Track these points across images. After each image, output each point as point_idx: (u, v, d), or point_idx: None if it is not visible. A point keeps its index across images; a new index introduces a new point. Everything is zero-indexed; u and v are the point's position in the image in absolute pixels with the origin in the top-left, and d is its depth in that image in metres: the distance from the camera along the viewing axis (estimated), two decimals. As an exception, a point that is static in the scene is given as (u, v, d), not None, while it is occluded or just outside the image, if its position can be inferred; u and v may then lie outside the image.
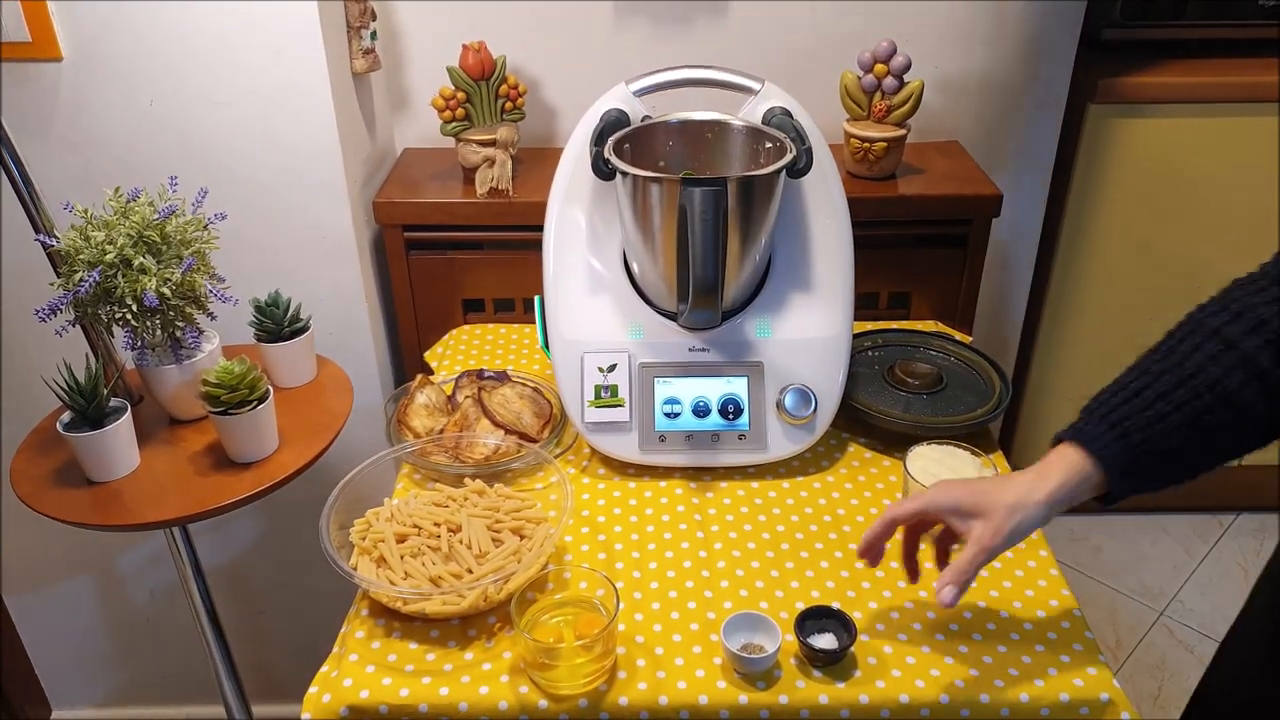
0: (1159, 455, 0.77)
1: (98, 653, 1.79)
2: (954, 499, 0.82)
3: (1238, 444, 0.78)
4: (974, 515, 0.81)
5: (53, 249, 1.08)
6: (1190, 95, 1.72)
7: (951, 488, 0.83)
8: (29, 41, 1.23)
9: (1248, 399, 0.74)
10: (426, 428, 1.18)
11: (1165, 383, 0.77)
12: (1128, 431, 0.78)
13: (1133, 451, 0.78)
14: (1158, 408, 0.77)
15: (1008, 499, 0.80)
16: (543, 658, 0.86)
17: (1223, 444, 0.77)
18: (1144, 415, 0.77)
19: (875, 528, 0.87)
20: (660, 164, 1.18)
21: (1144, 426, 0.77)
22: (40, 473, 1.12)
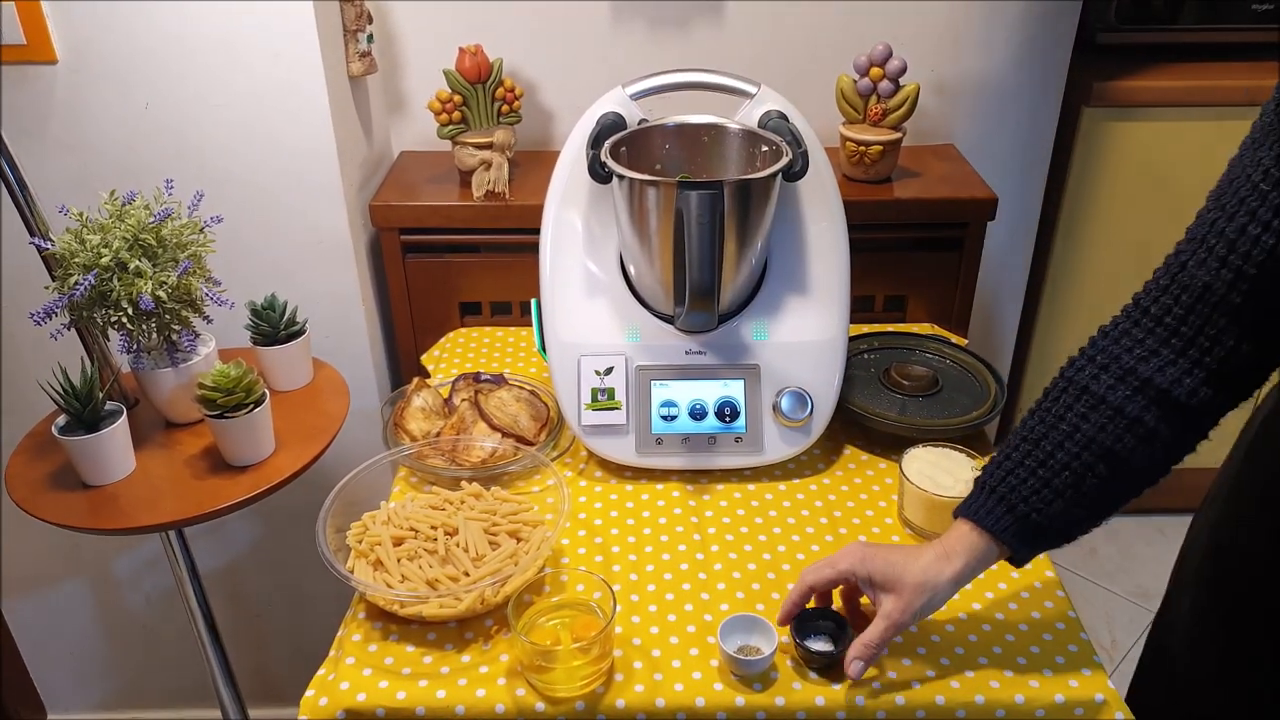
0: (1052, 518, 0.80)
1: (93, 657, 1.79)
2: (868, 571, 0.85)
3: (1128, 490, 0.80)
4: (885, 590, 0.84)
5: (48, 252, 1.08)
6: (1184, 99, 1.73)
7: (866, 559, 0.85)
8: (24, 44, 1.23)
9: (1126, 449, 0.77)
10: (423, 431, 1.18)
11: (1044, 449, 0.80)
12: (1014, 505, 0.80)
13: (1025, 522, 0.80)
14: (1040, 475, 0.79)
15: (917, 578, 0.82)
16: (540, 660, 0.86)
17: (1113, 493, 0.80)
18: (1029, 485, 0.80)
19: (793, 595, 0.89)
20: (657, 167, 1.18)
21: (1030, 496, 0.80)
22: (36, 476, 1.12)
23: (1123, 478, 0.79)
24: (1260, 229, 0.69)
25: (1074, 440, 0.78)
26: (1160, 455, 0.78)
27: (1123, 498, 0.80)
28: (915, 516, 1.05)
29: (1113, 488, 0.79)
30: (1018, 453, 0.81)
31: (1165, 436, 0.77)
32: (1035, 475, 0.80)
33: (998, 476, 0.82)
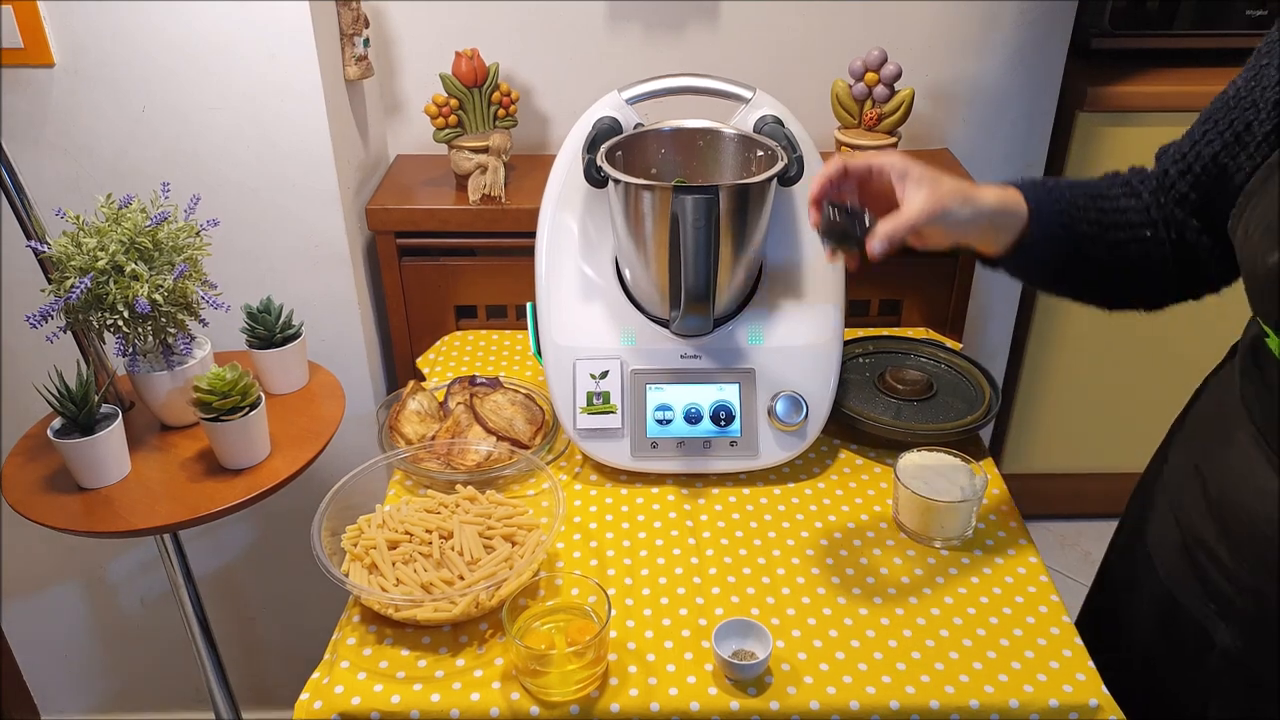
0: (1070, 235, 0.87)
1: (88, 659, 1.79)
2: (906, 166, 0.86)
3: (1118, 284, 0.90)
4: (920, 184, 0.84)
5: (44, 255, 1.08)
6: (1179, 104, 1.73)
7: (908, 158, 0.87)
8: (21, 47, 1.23)
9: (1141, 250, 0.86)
10: (418, 434, 1.19)
11: (1088, 194, 0.88)
12: (1053, 210, 0.87)
13: (1053, 219, 0.87)
14: (1081, 204, 0.87)
15: (957, 184, 0.85)
16: (534, 664, 0.86)
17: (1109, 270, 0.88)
18: (1069, 201, 0.87)
19: (827, 172, 0.88)
20: (652, 172, 1.19)
21: (1067, 211, 0.87)
22: (31, 479, 1.12)
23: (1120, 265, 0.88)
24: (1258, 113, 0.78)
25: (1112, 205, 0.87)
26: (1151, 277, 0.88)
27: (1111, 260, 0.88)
28: (910, 520, 1.05)
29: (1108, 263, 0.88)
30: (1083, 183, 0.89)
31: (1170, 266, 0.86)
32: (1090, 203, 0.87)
33: (1057, 184, 0.89)
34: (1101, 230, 0.87)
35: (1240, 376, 0.86)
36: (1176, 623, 0.93)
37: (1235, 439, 0.85)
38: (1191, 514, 0.91)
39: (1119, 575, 1.06)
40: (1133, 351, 1.99)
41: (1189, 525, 0.91)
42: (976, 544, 1.05)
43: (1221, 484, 0.87)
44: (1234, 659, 0.87)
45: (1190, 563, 0.91)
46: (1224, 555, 0.86)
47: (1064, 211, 0.87)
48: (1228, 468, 0.86)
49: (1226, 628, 0.87)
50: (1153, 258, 0.87)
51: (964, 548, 1.04)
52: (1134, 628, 1.00)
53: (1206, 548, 0.88)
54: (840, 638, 0.93)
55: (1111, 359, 2.01)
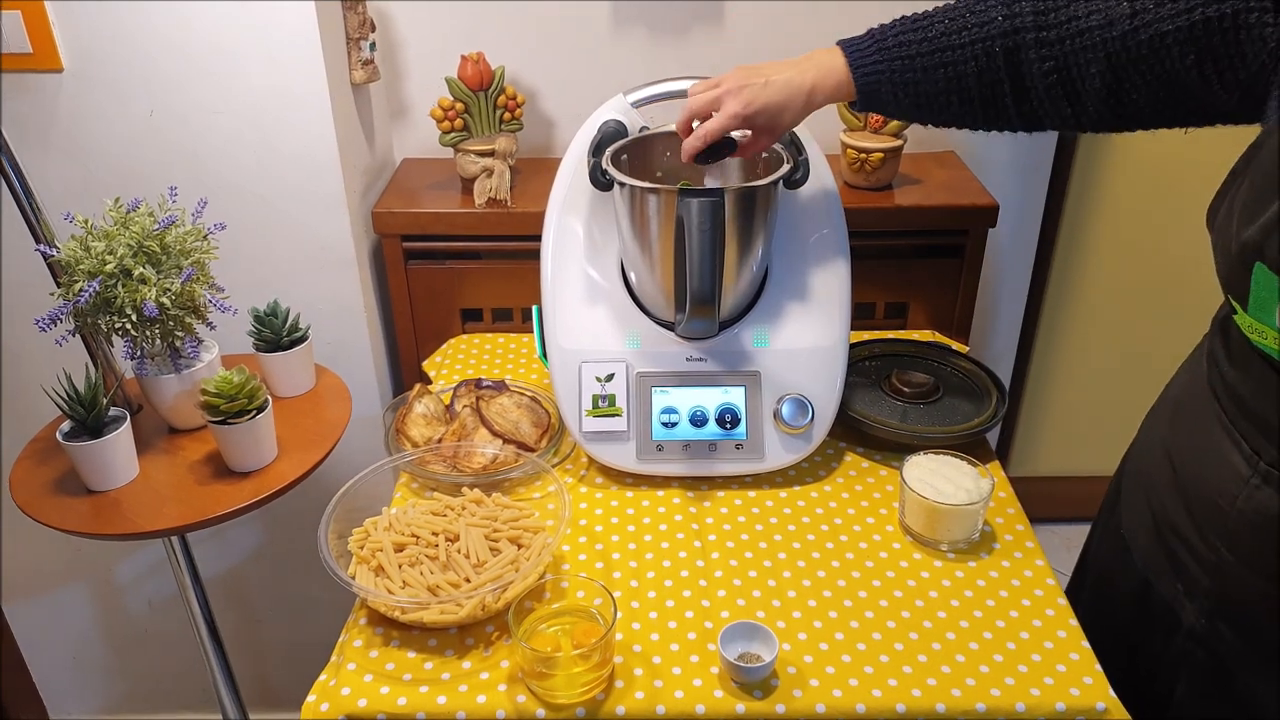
0: (900, 84, 0.93)
1: (96, 661, 1.79)
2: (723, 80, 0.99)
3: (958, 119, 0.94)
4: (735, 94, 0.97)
5: (53, 259, 1.09)
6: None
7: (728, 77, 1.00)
8: (30, 53, 1.24)
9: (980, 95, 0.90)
10: (425, 437, 1.19)
11: (938, 30, 0.91)
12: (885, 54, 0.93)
13: (881, 75, 0.93)
14: (920, 44, 0.91)
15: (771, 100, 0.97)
16: (540, 667, 0.86)
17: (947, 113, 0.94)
18: (903, 44, 0.92)
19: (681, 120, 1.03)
20: (658, 175, 1.19)
21: (900, 58, 0.92)
22: (40, 482, 1.12)
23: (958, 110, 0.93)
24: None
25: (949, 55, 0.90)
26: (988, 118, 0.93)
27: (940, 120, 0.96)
28: (916, 524, 1.05)
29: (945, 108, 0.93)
30: (921, 23, 0.92)
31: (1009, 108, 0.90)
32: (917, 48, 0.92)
33: (890, 33, 0.94)
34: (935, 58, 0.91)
35: (1206, 357, 0.87)
36: (1149, 605, 0.95)
37: (1204, 419, 0.86)
38: (1162, 495, 0.92)
39: (1098, 560, 1.08)
40: (1139, 354, 1.99)
41: (1159, 507, 0.93)
42: (983, 547, 1.04)
43: (1187, 463, 0.88)
44: (1198, 638, 0.88)
45: (1161, 544, 0.93)
46: (1190, 534, 0.88)
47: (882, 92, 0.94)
48: (1195, 447, 0.88)
49: (1192, 607, 0.89)
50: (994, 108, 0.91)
51: (971, 551, 1.04)
52: (1113, 612, 1.01)
53: (1174, 528, 0.90)
54: (846, 641, 0.93)
55: (1118, 362, 2.01)
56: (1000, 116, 0.92)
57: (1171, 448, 0.92)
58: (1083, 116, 0.88)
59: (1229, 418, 0.83)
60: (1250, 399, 0.80)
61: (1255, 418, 0.80)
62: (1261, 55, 0.73)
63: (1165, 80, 0.80)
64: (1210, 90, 0.78)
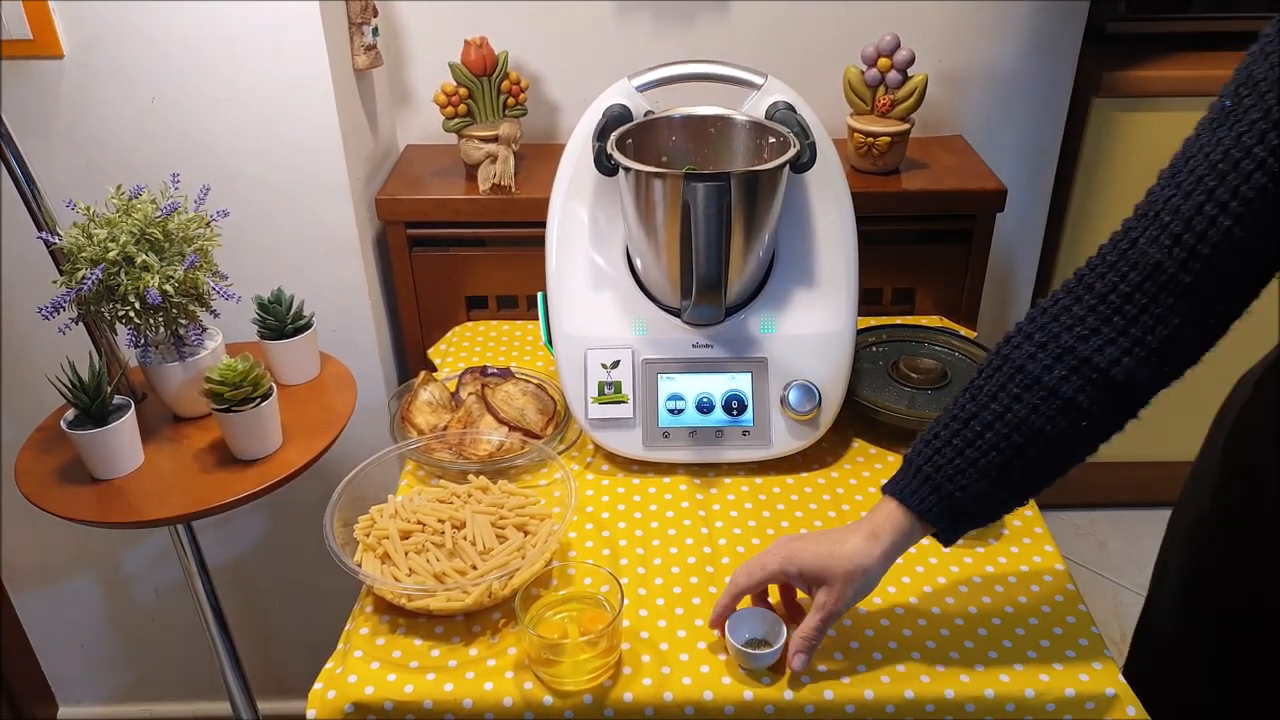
0: (976, 499, 0.79)
1: (103, 650, 1.80)
2: (798, 568, 0.84)
3: (1054, 471, 0.79)
4: (818, 582, 0.83)
5: (55, 247, 1.08)
6: (1194, 89, 1.71)
7: (793, 556, 0.85)
8: (30, 39, 1.23)
9: (1057, 431, 0.76)
10: (430, 424, 1.18)
11: (973, 429, 0.78)
12: (940, 485, 0.80)
13: (950, 502, 0.80)
14: (967, 455, 0.78)
15: (846, 566, 0.82)
16: (547, 654, 0.86)
17: (1039, 475, 0.79)
18: (955, 465, 0.79)
19: (722, 599, 0.89)
20: (663, 159, 1.18)
21: (956, 476, 0.79)
22: (45, 470, 1.12)
23: (1050, 459, 0.78)
24: (1217, 209, 0.69)
25: (1004, 421, 0.77)
26: (1089, 436, 0.77)
27: (1049, 479, 0.80)
28: (924, 509, 1.04)
29: (1039, 469, 0.79)
30: (946, 431, 0.80)
31: (1097, 417, 0.76)
32: (963, 455, 0.78)
33: (925, 455, 0.81)
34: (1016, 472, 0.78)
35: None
36: None
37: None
38: None
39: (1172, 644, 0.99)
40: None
41: None
42: (991, 533, 1.04)
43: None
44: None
45: None
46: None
47: (966, 505, 0.80)
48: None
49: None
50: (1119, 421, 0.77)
51: (979, 537, 1.03)
52: None
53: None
54: (854, 627, 0.92)
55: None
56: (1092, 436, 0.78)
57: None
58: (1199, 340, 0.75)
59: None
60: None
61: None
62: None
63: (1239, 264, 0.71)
64: None
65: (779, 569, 0.85)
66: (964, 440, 0.79)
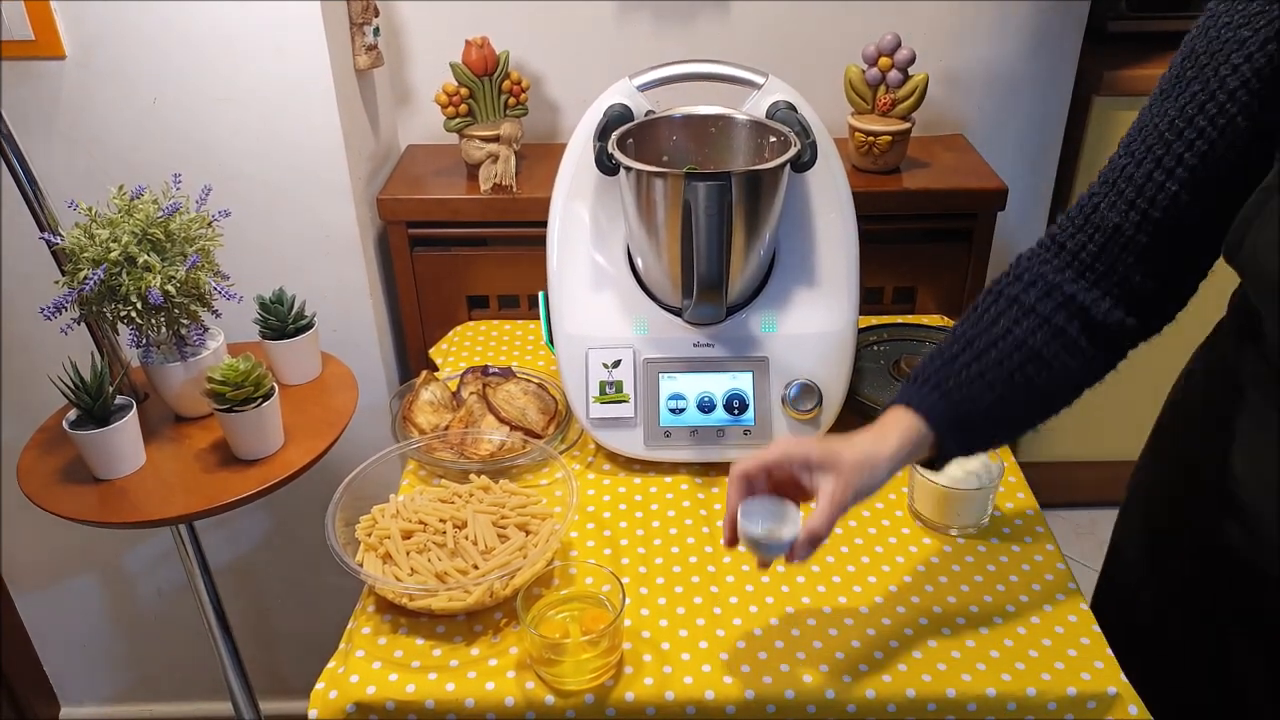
0: (982, 413, 0.83)
1: (105, 650, 1.80)
2: (804, 453, 0.83)
3: (1047, 401, 0.85)
4: (824, 470, 0.82)
5: (57, 247, 1.09)
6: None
7: (800, 443, 0.84)
8: (32, 39, 1.23)
9: (1051, 354, 0.81)
10: (432, 424, 1.18)
11: (977, 347, 0.83)
12: (948, 392, 0.83)
13: (956, 410, 0.83)
14: (973, 369, 0.83)
15: (855, 456, 0.81)
16: (549, 653, 0.86)
17: (1034, 400, 0.84)
18: (962, 376, 0.83)
19: (730, 494, 0.85)
20: (664, 159, 1.18)
21: (964, 386, 0.83)
22: (47, 470, 1.12)
23: (1046, 384, 0.83)
24: (1164, 175, 0.76)
25: (1006, 341, 0.82)
26: (1079, 369, 0.83)
27: (1041, 409, 0.85)
28: (925, 508, 1.04)
29: (1035, 394, 0.83)
30: (951, 350, 0.84)
31: (1086, 350, 0.82)
32: (969, 369, 0.82)
33: (931, 368, 0.84)
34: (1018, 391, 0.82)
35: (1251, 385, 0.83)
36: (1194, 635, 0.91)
37: (1241, 417, 0.83)
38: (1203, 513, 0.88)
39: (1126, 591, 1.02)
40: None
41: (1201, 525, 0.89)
42: (993, 532, 1.04)
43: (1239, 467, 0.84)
44: None
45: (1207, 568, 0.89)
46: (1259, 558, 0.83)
47: (969, 409, 0.82)
48: (1243, 449, 0.84)
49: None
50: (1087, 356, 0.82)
51: (980, 535, 1.03)
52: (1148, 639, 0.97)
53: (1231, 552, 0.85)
54: (856, 626, 0.92)
55: (1128, 346, 2.00)
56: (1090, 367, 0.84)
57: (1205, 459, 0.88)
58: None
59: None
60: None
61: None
62: None
63: None
64: None
65: (783, 454, 0.83)
66: (969, 356, 0.83)
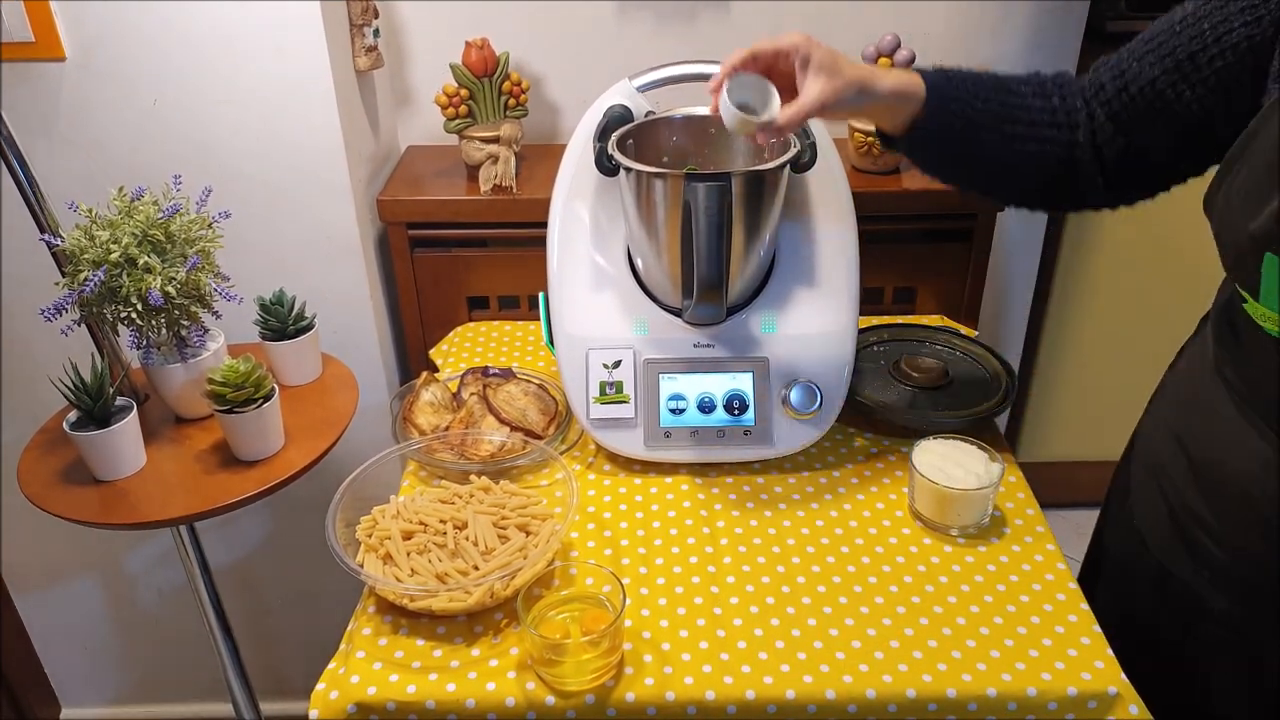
0: (965, 122, 0.91)
1: (106, 651, 1.80)
2: (810, 50, 0.88)
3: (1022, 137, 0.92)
4: (823, 71, 0.88)
5: (58, 248, 1.09)
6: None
7: (813, 41, 0.89)
8: (32, 41, 1.23)
9: (1034, 112, 0.90)
10: (432, 425, 1.18)
11: (993, 88, 0.92)
12: (951, 96, 0.91)
13: (946, 86, 0.91)
14: (982, 95, 0.91)
15: (857, 71, 0.89)
16: (549, 654, 0.86)
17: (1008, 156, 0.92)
18: (970, 91, 0.91)
19: (733, 59, 0.91)
20: (664, 159, 1.18)
21: (966, 99, 0.91)
22: (47, 472, 1.12)
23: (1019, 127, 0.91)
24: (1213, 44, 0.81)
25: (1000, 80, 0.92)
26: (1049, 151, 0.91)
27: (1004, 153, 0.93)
28: (926, 509, 1.04)
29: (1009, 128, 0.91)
30: (976, 76, 0.93)
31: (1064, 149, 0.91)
32: (979, 96, 0.91)
33: (953, 73, 0.93)
34: (999, 122, 0.91)
35: (1215, 344, 0.87)
36: (1168, 593, 0.94)
37: (1217, 406, 0.86)
38: (1177, 483, 0.92)
39: (1111, 550, 1.07)
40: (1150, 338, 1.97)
41: (1175, 495, 0.92)
42: (993, 532, 1.04)
43: (1206, 452, 0.88)
44: (1231, 626, 0.87)
45: (1179, 532, 0.92)
46: (1213, 522, 0.87)
47: (961, 98, 0.91)
48: (1212, 435, 0.87)
49: (1220, 594, 0.88)
50: (1049, 158, 0.91)
51: (980, 536, 1.03)
52: (1130, 601, 1.00)
53: (1195, 516, 0.89)
54: (857, 626, 0.92)
55: (1128, 346, 2.00)
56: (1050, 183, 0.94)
57: (1184, 437, 0.92)
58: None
59: (1246, 405, 0.82)
60: (1266, 385, 0.80)
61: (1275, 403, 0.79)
62: None
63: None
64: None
65: (794, 43, 0.88)
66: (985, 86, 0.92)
